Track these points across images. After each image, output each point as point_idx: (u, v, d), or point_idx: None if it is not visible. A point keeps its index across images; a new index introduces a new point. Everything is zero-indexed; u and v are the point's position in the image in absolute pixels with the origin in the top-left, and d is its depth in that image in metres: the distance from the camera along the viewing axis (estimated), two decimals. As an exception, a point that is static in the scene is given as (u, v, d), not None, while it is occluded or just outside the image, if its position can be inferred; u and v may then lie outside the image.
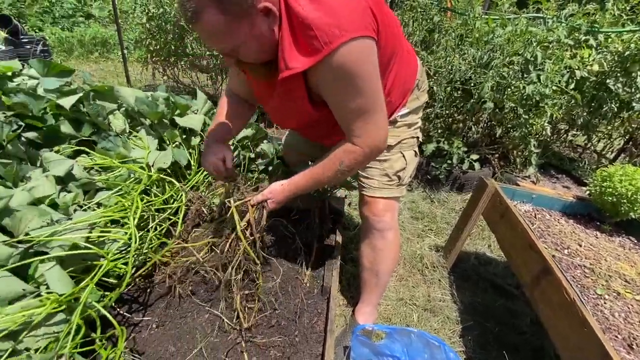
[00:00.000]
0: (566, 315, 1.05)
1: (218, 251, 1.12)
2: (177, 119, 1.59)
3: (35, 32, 5.57)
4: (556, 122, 2.74)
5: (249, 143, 1.81)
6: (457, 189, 2.59)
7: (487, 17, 2.54)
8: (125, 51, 3.82)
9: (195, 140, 1.65)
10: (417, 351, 1.19)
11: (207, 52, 3.31)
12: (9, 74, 1.53)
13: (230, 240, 1.09)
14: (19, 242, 0.81)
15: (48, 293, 0.74)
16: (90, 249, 0.87)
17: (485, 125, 2.68)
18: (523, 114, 2.27)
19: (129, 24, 4.25)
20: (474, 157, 2.47)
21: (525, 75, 2.25)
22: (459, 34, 2.47)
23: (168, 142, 1.56)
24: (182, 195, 1.38)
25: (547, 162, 2.94)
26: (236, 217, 1.06)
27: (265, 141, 1.92)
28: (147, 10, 3.26)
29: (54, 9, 6.32)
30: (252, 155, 1.84)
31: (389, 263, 1.32)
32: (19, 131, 1.26)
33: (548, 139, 2.86)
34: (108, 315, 0.81)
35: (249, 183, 1.23)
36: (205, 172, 1.62)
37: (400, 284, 1.75)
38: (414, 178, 2.64)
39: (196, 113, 1.77)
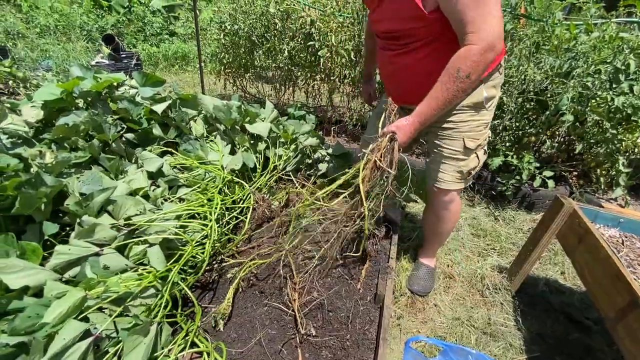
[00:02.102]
0: (660, 358, 0.92)
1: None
2: (247, 126, 1.74)
3: (131, 48, 6.45)
4: (652, 138, 2.39)
5: (309, 150, 1.89)
6: (526, 208, 2.39)
7: (568, 22, 2.34)
8: (202, 64, 4.24)
9: (261, 146, 1.77)
10: (474, 374, 1.13)
11: (273, 64, 3.53)
12: (116, 84, 1.81)
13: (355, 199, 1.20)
14: (123, 225, 0.97)
15: (144, 270, 0.88)
16: (179, 235, 1.00)
17: (562, 139, 2.44)
18: (610, 128, 2.03)
19: (206, 39, 4.74)
20: (548, 173, 2.26)
21: (614, 86, 2.02)
22: (534, 42, 2.31)
23: (238, 146, 1.71)
24: (249, 196, 1.49)
25: (640, 184, 2.57)
26: (361, 167, 1.07)
27: (322, 147, 1.98)
28: (223, 27, 3.60)
29: (146, 28, 7.26)
30: (309, 161, 1.93)
31: (450, 225, 1.54)
32: (121, 132, 1.49)
33: (641, 158, 2.51)
34: (189, 293, 0.92)
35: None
36: (268, 175, 1.73)
37: (458, 303, 1.66)
38: (476, 193, 2.51)
39: (263, 121, 1.90)
